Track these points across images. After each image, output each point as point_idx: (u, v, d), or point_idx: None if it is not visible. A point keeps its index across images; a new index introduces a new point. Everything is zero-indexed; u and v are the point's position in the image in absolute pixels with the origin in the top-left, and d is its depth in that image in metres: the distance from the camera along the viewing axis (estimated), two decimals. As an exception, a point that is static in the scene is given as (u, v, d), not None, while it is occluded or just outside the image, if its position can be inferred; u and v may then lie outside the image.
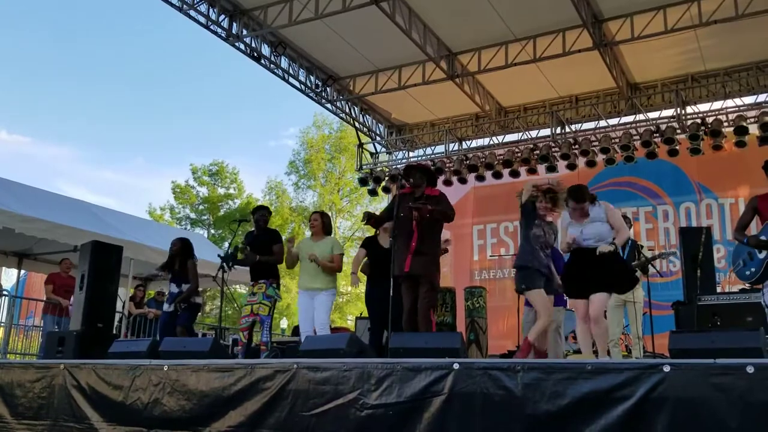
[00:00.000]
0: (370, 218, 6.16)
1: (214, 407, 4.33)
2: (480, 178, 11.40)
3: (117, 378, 4.89)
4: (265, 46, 10.15)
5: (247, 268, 6.90)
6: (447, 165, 11.77)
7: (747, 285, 5.50)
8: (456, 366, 3.58)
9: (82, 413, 4.95)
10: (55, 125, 45.43)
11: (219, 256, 6.98)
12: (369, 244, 6.80)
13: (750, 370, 2.90)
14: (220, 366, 4.47)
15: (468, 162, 11.45)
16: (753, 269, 5.08)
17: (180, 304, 7.01)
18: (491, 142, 11.77)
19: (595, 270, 5.02)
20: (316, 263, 6.54)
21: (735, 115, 9.85)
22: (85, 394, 5.02)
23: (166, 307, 7.29)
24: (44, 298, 9.89)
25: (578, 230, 5.12)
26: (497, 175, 11.22)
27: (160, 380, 4.64)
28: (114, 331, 8.66)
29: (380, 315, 6.29)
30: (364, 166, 12.69)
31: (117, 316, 9.69)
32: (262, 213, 7.02)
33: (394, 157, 12.93)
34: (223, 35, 9.58)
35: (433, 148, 12.50)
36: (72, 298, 8.67)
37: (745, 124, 9.66)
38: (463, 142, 12.10)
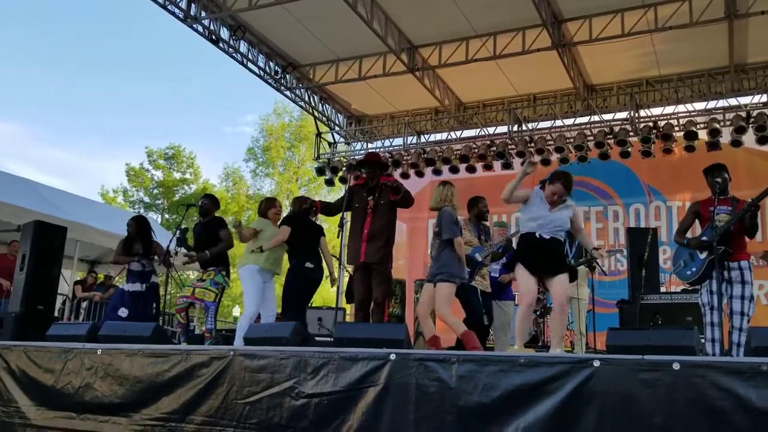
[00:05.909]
0: (312, 205, 6.26)
1: (147, 393, 4.23)
2: (437, 172, 11.41)
3: (48, 361, 4.74)
4: (224, 29, 9.94)
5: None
6: (405, 158, 11.77)
7: (687, 285, 5.63)
8: (392, 357, 3.56)
9: (10, 396, 4.79)
10: (1, 102, 43.88)
11: (177, 245, 6.76)
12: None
13: (676, 366, 2.94)
14: (155, 351, 4.36)
15: (425, 156, 11.46)
16: (694, 269, 5.22)
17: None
18: (449, 137, 11.79)
19: (545, 256, 5.12)
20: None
21: (686, 120, 10.05)
22: (14, 376, 4.87)
23: (130, 286, 6.98)
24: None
25: (546, 212, 5.24)
26: (454, 170, 11.26)
27: (93, 364, 4.51)
28: (57, 314, 8.43)
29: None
30: (322, 156, 12.61)
31: (60, 299, 9.43)
32: (204, 201, 6.97)
33: (352, 148, 12.86)
34: (180, 16, 9.33)
35: (391, 140, 12.48)
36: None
37: (695, 129, 9.87)
38: (422, 136, 12.09)
